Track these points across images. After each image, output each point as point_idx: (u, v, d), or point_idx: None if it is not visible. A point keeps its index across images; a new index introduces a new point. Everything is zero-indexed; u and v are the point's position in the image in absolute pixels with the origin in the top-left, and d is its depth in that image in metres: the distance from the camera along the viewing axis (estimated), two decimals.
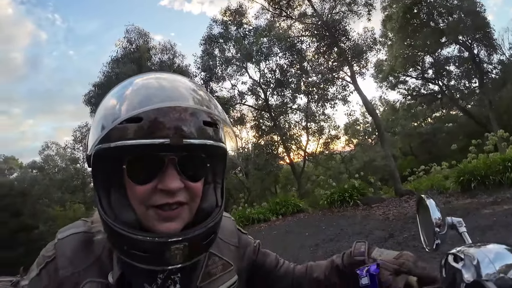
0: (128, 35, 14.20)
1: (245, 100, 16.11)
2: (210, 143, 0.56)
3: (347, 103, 15.06)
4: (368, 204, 7.96)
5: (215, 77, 14.72)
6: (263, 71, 15.33)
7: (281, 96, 15.45)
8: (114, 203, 0.57)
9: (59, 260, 0.60)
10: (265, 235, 7.38)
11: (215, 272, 0.68)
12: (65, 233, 0.64)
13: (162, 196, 0.55)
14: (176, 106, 0.54)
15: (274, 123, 15.31)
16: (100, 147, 0.54)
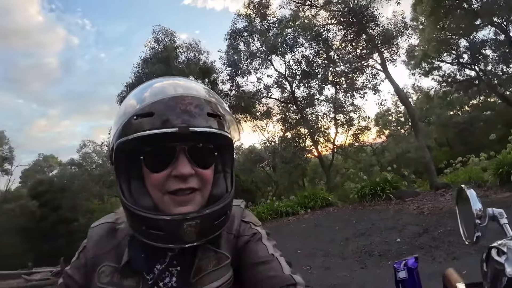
0: (155, 36, 14.48)
1: (271, 93, 15.94)
2: (214, 131, 0.62)
3: (377, 92, 14.43)
4: (401, 198, 7.69)
5: (240, 71, 14.66)
6: (289, 63, 15.05)
7: (307, 87, 15.10)
8: (134, 192, 0.65)
9: (88, 244, 0.72)
10: (294, 228, 7.35)
11: (206, 267, 0.68)
12: (97, 223, 0.76)
13: (175, 182, 0.62)
14: (181, 100, 0.61)
15: (301, 116, 15.04)
16: (120, 141, 0.61)
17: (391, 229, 5.64)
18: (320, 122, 15.57)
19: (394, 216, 6.43)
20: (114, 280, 0.67)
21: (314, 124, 15.05)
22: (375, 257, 4.60)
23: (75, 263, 0.74)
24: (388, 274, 3.90)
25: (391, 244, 4.91)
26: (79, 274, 0.72)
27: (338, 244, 5.53)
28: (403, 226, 5.63)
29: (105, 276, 0.68)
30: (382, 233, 5.55)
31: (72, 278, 0.73)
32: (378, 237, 5.40)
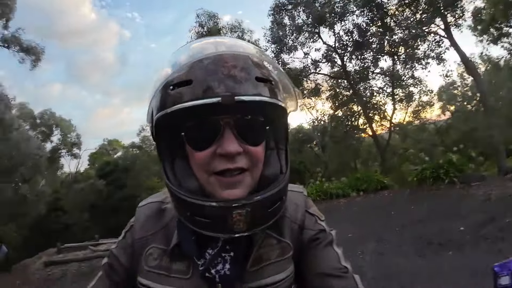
0: (199, 19, 14.55)
1: (319, 68, 14.83)
2: (264, 99, 0.53)
3: (442, 62, 12.67)
4: (466, 183, 6.87)
5: (285, 47, 13.86)
6: (338, 34, 13.79)
7: (360, 60, 13.88)
8: (178, 172, 0.58)
9: (135, 224, 0.68)
10: (345, 211, 7.09)
11: (269, 257, 0.62)
12: (144, 202, 0.71)
13: (222, 162, 0.54)
14: (224, 61, 0.52)
15: (353, 91, 14.01)
16: (158, 116, 0.55)
17: (453, 216, 5.19)
18: (375, 98, 14.38)
19: (458, 202, 5.88)
20: (162, 263, 0.63)
21: (369, 100, 13.91)
22: (434, 246, 4.29)
23: (121, 242, 0.70)
24: (448, 265, 3.55)
25: (453, 233, 4.53)
26: (125, 254, 0.68)
27: (393, 230, 5.19)
28: (467, 214, 5.15)
29: (153, 259, 0.64)
30: (443, 220, 5.14)
31: (117, 258, 0.68)
32: (439, 224, 4.99)
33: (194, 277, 0.60)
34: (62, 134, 21.63)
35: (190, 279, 0.61)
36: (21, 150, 10.26)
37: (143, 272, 0.64)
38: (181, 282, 0.61)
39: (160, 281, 0.62)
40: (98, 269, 0.71)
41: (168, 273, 0.62)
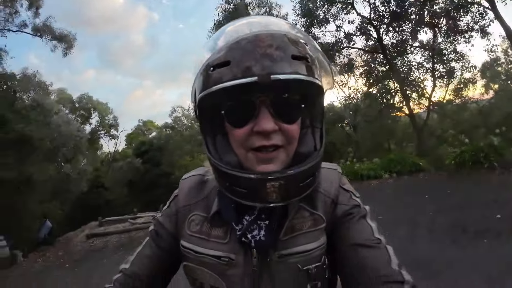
0: None
1: (353, 42, 14.01)
2: (300, 77, 0.55)
3: (486, 35, 11.53)
4: (507, 168, 6.44)
5: (316, 21, 13.16)
6: (374, 4, 12.84)
7: (398, 32, 12.89)
8: (219, 147, 0.63)
9: (179, 194, 0.75)
10: (376, 192, 6.92)
11: (301, 227, 0.65)
12: (188, 175, 0.78)
13: (258, 139, 0.57)
14: (260, 41, 0.54)
15: (390, 66, 13.13)
16: (201, 96, 0.59)
17: (491, 203, 4.86)
18: (413, 74, 13.43)
19: (497, 189, 5.54)
20: (203, 229, 0.68)
21: (406, 76, 13.01)
22: (469, 233, 4.08)
23: (166, 211, 0.76)
24: (484, 254, 3.34)
25: (490, 221, 4.28)
26: (170, 222, 0.74)
27: (426, 215, 4.95)
28: (506, 201, 4.79)
29: (195, 224, 0.69)
30: (480, 207, 4.85)
31: (162, 225, 0.75)
32: (476, 211, 4.73)
33: (231, 242, 0.65)
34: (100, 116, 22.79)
35: (228, 244, 0.65)
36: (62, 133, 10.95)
37: (185, 236, 0.70)
38: (219, 245, 0.66)
39: (201, 244, 0.67)
40: (137, 239, 0.89)
41: (208, 237, 0.67)
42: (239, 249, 0.64)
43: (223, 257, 0.64)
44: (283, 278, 0.63)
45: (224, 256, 0.64)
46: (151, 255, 0.74)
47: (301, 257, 0.64)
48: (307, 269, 0.63)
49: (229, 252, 0.64)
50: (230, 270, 0.64)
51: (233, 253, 0.64)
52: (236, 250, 0.64)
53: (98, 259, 5.91)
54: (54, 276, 5.48)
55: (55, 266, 6.08)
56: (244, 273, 0.64)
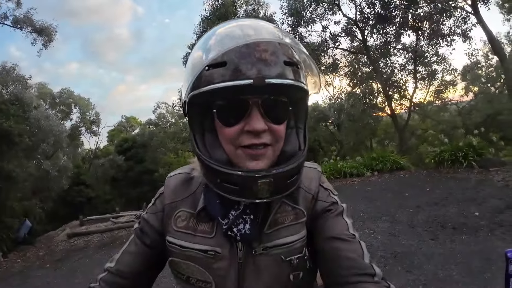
0: None
1: (338, 43, 14.20)
2: (290, 82, 0.58)
3: (468, 39, 11.93)
4: (485, 167, 6.71)
5: (303, 20, 13.26)
6: (360, 6, 13.08)
7: (382, 34, 13.17)
8: (208, 145, 0.65)
9: (165, 191, 0.76)
10: (358, 190, 7.02)
11: (283, 220, 0.69)
12: (173, 173, 0.80)
13: (248, 137, 0.60)
14: (256, 46, 0.57)
15: (373, 67, 13.39)
16: (193, 94, 0.60)
17: (469, 201, 5.08)
18: (395, 76, 13.76)
19: (475, 187, 5.75)
20: (189, 224, 0.70)
21: (389, 78, 13.31)
22: (448, 229, 4.22)
23: (151, 208, 0.77)
24: (461, 249, 3.49)
25: (468, 218, 4.45)
26: (156, 219, 0.75)
27: (407, 211, 5.11)
28: (484, 199, 5.03)
29: (181, 220, 0.71)
30: (459, 204, 5.03)
31: (148, 222, 0.76)
32: (454, 208, 4.90)
33: (217, 236, 0.68)
34: (81, 112, 22.13)
35: (214, 238, 0.68)
36: (42, 128, 10.56)
37: (171, 232, 0.71)
38: (206, 240, 0.68)
39: (187, 239, 0.69)
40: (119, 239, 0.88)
41: (194, 232, 0.69)
42: (225, 243, 0.67)
43: (210, 251, 0.67)
44: (267, 269, 0.67)
45: (210, 250, 0.67)
46: (136, 252, 0.75)
47: (284, 249, 0.67)
48: (289, 260, 0.67)
49: (215, 246, 0.67)
50: (216, 264, 0.67)
51: (219, 247, 0.67)
52: (222, 244, 0.67)
53: (79, 258, 5.78)
54: (34, 276, 5.33)
55: (36, 266, 5.91)
56: (230, 266, 0.67)
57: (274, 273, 0.67)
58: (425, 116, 14.62)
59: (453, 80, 14.24)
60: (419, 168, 8.16)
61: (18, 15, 11.73)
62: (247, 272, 0.67)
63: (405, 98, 14.45)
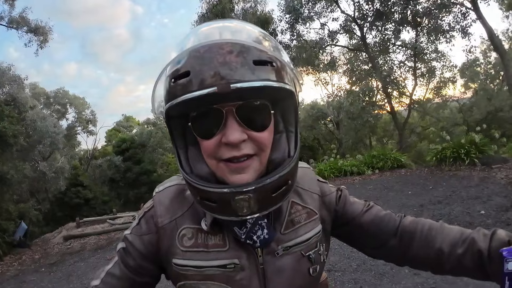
0: None
1: (336, 39, 13.95)
2: (262, 84, 0.52)
3: (467, 35, 11.78)
4: (487, 165, 6.59)
5: (301, 17, 13.03)
6: (358, 3, 12.84)
7: (381, 31, 13.00)
8: (191, 158, 0.62)
9: (157, 209, 0.67)
10: (359, 188, 6.93)
11: (299, 220, 0.69)
12: (162, 187, 0.71)
13: (228, 150, 0.56)
14: (219, 48, 0.52)
15: (372, 65, 13.26)
16: (166, 108, 0.56)
17: (474, 199, 4.97)
18: (395, 73, 13.64)
19: (479, 185, 5.63)
20: (198, 241, 0.65)
21: (389, 75, 13.18)
22: None
23: (136, 229, 0.69)
24: None
25: (474, 216, 4.36)
26: (142, 243, 0.68)
27: (411, 210, 5.01)
28: (488, 197, 4.92)
29: (187, 239, 0.65)
30: (463, 202, 4.93)
31: (132, 245, 0.68)
32: (459, 206, 4.80)
33: (231, 247, 0.64)
34: (77, 111, 21.88)
35: (229, 250, 0.64)
36: (38, 129, 10.42)
37: (178, 254, 0.65)
38: (221, 254, 0.64)
39: (201, 258, 0.64)
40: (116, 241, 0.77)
41: (207, 249, 0.64)
42: (241, 252, 0.64)
43: (228, 265, 0.63)
44: (289, 267, 0.66)
45: (229, 264, 0.63)
46: (119, 277, 0.68)
47: (303, 246, 0.68)
48: (308, 255, 0.68)
49: (232, 258, 0.64)
50: (238, 275, 0.64)
51: (236, 258, 0.64)
52: (238, 254, 0.64)
53: (74, 262, 5.66)
54: (29, 281, 5.21)
55: (31, 270, 5.78)
56: (251, 273, 0.64)
57: (295, 270, 0.67)
58: (425, 113, 14.53)
59: (453, 77, 14.15)
60: (420, 166, 8.07)
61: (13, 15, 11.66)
62: (270, 275, 0.65)
63: (404, 95, 14.37)
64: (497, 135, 8.17)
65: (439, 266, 0.68)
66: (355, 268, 3.28)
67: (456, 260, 0.65)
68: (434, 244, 0.67)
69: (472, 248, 0.63)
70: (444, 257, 0.66)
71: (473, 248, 0.63)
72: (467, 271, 0.65)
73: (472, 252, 0.63)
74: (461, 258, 0.64)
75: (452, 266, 0.66)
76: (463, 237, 0.66)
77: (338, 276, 3.21)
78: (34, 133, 10.63)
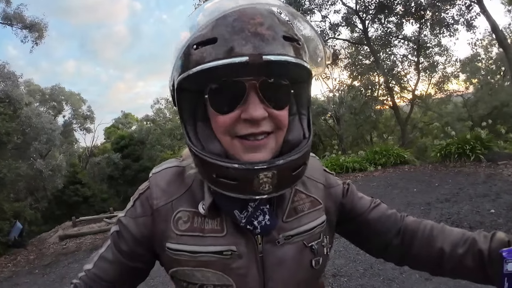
0: None
1: (338, 32, 13.61)
2: (292, 60, 0.50)
3: (472, 28, 11.55)
4: (493, 161, 6.45)
5: (301, 9, 12.72)
6: None
7: (383, 24, 12.72)
8: (201, 135, 0.58)
9: (153, 191, 0.64)
10: (362, 185, 6.72)
11: (302, 208, 0.67)
12: (159, 168, 0.68)
13: (246, 126, 0.54)
14: (250, 18, 0.50)
15: (374, 59, 13.00)
16: (181, 77, 0.53)
17: (482, 197, 4.81)
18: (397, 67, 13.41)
19: (486, 182, 5.47)
20: (194, 225, 0.61)
21: (391, 69, 12.94)
22: (465, 228, 3.86)
23: (131, 212, 0.66)
24: None
25: (484, 215, 4.18)
26: (136, 225, 0.64)
27: (417, 209, 4.83)
28: (497, 195, 4.75)
29: (183, 222, 0.62)
30: (471, 201, 4.75)
31: (126, 228, 0.65)
32: (467, 205, 4.62)
33: (229, 233, 0.61)
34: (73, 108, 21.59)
35: (226, 236, 0.61)
36: (33, 126, 10.23)
37: (173, 238, 0.61)
38: (218, 240, 0.60)
39: (196, 243, 0.60)
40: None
41: (203, 233, 0.61)
42: (239, 238, 0.61)
43: (225, 251, 0.60)
44: (290, 257, 0.63)
45: (225, 250, 0.60)
46: (112, 261, 0.66)
47: (306, 236, 0.65)
48: (311, 246, 0.65)
49: (230, 244, 0.60)
50: (235, 263, 0.60)
51: (234, 245, 0.60)
52: (236, 240, 0.60)
53: (68, 263, 5.49)
54: (22, 283, 5.04)
55: (25, 271, 5.61)
56: (249, 262, 0.61)
57: (297, 261, 0.64)
58: (427, 108, 14.32)
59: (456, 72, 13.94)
60: (423, 162, 7.91)
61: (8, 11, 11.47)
62: (269, 264, 0.62)
63: (406, 90, 14.16)
64: (503, 131, 7.97)
65: (439, 266, 0.68)
66: (362, 272, 3.09)
67: (457, 260, 0.65)
68: (436, 244, 0.67)
69: (473, 249, 0.63)
70: (445, 257, 0.66)
71: (473, 248, 0.63)
72: (467, 271, 0.64)
73: (473, 252, 0.63)
74: (462, 258, 0.64)
75: (452, 266, 0.65)
76: (464, 237, 0.66)
77: (344, 282, 3.02)
78: (30, 130, 10.43)
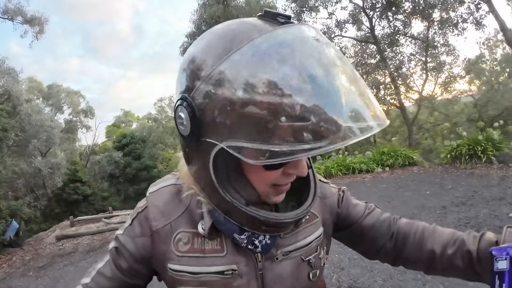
0: None
1: (345, 29, 13.35)
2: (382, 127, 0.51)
3: (481, 27, 11.29)
4: (504, 163, 6.20)
5: (307, 6, 12.52)
6: None
7: (391, 22, 12.45)
8: (234, 182, 0.56)
9: (150, 211, 0.63)
10: (371, 187, 6.53)
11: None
12: (156, 187, 0.67)
13: (288, 177, 0.56)
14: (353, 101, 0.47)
15: (381, 57, 12.73)
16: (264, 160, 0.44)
17: (498, 200, 4.57)
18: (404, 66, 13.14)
19: (500, 184, 5.22)
20: (195, 246, 0.61)
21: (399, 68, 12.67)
22: None
23: (128, 231, 0.65)
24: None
25: (503, 220, 3.94)
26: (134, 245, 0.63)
27: (433, 213, 4.58)
28: None
29: (183, 244, 0.62)
30: (488, 204, 4.52)
31: (124, 247, 0.64)
32: (484, 208, 4.39)
33: (229, 252, 0.61)
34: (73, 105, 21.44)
35: (226, 255, 0.61)
36: (33, 123, 10.04)
37: (174, 259, 0.61)
38: (218, 259, 0.61)
39: (197, 263, 0.61)
40: (109, 242, 0.67)
41: (203, 254, 0.61)
42: (239, 257, 0.61)
43: (226, 271, 0.60)
44: (289, 272, 0.64)
45: (226, 270, 0.60)
46: (111, 277, 0.65)
47: (303, 251, 0.65)
48: (308, 260, 0.66)
49: (230, 263, 0.61)
50: (236, 282, 0.61)
51: (234, 264, 0.61)
52: (236, 260, 0.61)
53: (64, 266, 5.27)
54: (15, 286, 4.84)
55: (19, 273, 5.38)
56: (250, 280, 0.61)
57: (295, 275, 0.64)
58: (433, 109, 14.04)
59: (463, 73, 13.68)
60: (432, 163, 7.66)
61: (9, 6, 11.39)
62: (269, 281, 0.62)
63: (413, 90, 13.88)
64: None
65: (431, 267, 0.69)
66: (381, 284, 2.83)
67: (447, 261, 0.66)
68: (426, 246, 0.68)
69: (462, 249, 0.64)
70: (436, 257, 0.67)
71: (462, 249, 0.64)
72: (458, 271, 0.65)
73: (462, 253, 0.64)
74: (452, 258, 0.66)
75: (443, 267, 0.67)
76: (454, 238, 0.67)
77: None
78: (29, 127, 10.24)
